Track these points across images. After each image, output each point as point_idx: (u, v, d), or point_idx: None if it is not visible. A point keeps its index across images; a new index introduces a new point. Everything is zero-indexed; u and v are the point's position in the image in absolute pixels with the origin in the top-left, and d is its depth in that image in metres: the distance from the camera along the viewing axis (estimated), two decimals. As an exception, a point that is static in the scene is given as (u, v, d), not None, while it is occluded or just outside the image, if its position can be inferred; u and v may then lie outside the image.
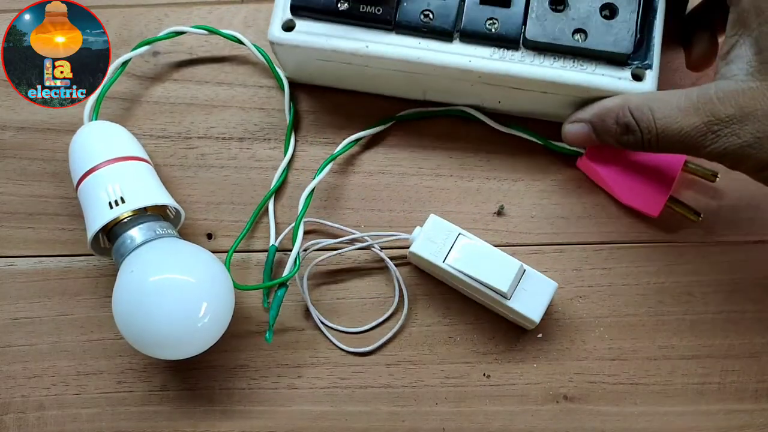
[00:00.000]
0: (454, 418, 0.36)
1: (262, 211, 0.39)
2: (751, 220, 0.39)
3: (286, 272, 0.36)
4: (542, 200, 0.39)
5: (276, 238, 0.38)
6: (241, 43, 0.40)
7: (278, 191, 0.40)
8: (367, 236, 0.38)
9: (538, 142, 0.39)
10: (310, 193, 0.37)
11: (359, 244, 0.38)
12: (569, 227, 0.39)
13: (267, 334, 0.36)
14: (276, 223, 0.39)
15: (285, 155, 0.40)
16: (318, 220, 0.39)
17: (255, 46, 0.40)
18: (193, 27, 0.40)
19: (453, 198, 0.39)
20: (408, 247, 0.37)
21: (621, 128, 0.34)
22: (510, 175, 0.40)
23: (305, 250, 0.38)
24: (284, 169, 0.40)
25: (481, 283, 0.35)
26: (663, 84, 0.35)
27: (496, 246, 0.35)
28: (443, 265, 0.35)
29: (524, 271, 0.35)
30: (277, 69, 0.41)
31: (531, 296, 0.35)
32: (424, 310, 0.38)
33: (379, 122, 0.40)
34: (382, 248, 0.38)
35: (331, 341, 0.37)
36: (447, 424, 0.36)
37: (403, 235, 0.37)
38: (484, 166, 0.40)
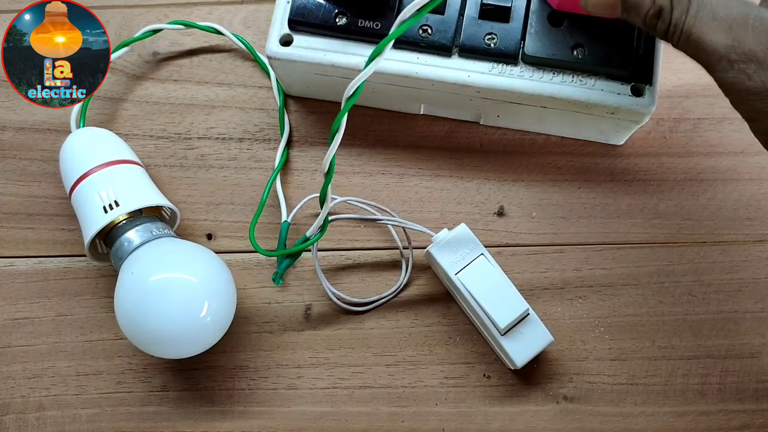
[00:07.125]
0: (454, 418, 0.36)
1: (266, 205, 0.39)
2: (751, 220, 0.39)
3: (310, 232, 0.35)
4: (542, 200, 0.39)
5: (288, 214, 0.38)
6: (221, 33, 0.41)
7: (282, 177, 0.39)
8: (394, 220, 0.37)
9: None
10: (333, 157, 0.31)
11: (381, 219, 0.38)
12: (569, 227, 0.39)
13: (274, 276, 0.36)
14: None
15: (282, 135, 0.40)
16: (343, 198, 0.38)
17: (236, 35, 0.41)
18: (168, 23, 0.41)
19: (453, 198, 0.39)
20: (426, 245, 0.36)
21: (655, 9, 0.29)
22: (510, 175, 0.40)
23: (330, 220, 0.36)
24: (284, 149, 0.40)
25: (483, 309, 0.34)
26: (662, 83, 0.35)
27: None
28: (454, 278, 0.35)
29: (528, 314, 0.35)
30: (258, 55, 0.41)
31: (524, 340, 0.35)
32: (424, 310, 0.38)
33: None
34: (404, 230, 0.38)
35: (334, 302, 0.37)
36: (447, 425, 0.36)
37: (428, 231, 0.36)
38: (484, 166, 0.40)
